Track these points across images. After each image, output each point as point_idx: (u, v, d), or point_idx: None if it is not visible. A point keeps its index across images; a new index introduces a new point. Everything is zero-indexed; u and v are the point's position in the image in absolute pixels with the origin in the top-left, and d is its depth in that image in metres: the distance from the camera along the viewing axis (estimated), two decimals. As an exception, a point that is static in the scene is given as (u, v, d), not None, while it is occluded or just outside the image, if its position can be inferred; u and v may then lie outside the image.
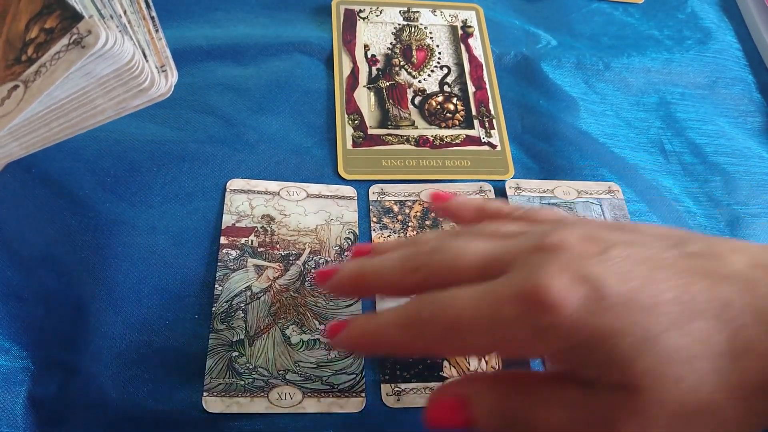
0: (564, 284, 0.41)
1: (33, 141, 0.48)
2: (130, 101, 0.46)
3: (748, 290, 0.42)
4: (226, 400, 0.57)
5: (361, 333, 0.50)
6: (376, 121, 0.78)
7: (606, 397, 0.42)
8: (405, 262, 0.51)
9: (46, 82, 0.42)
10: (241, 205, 0.68)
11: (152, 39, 0.49)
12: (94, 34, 0.41)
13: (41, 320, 0.60)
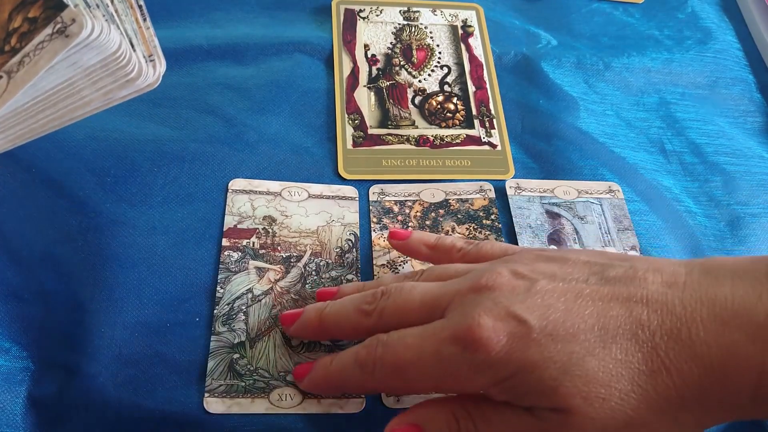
0: (492, 323, 0.47)
1: (20, 133, 0.47)
2: (117, 92, 0.46)
3: (662, 311, 0.46)
4: (227, 401, 0.57)
5: (324, 375, 0.56)
6: (376, 121, 0.78)
7: (543, 418, 0.47)
8: (359, 306, 0.56)
9: (30, 72, 0.41)
10: (243, 206, 0.68)
11: (140, 28, 0.48)
12: (78, 22, 0.40)
13: (41, 320, 0.60)
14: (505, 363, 0.46)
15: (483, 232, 0.70)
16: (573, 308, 0.47)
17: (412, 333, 0.51)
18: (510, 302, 0.48)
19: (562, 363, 0.45)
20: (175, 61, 0.76)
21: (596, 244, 0.71)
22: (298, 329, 0.60)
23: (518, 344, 0.46)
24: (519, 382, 0.46)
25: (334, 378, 0.56)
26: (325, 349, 0.61)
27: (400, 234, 0.65)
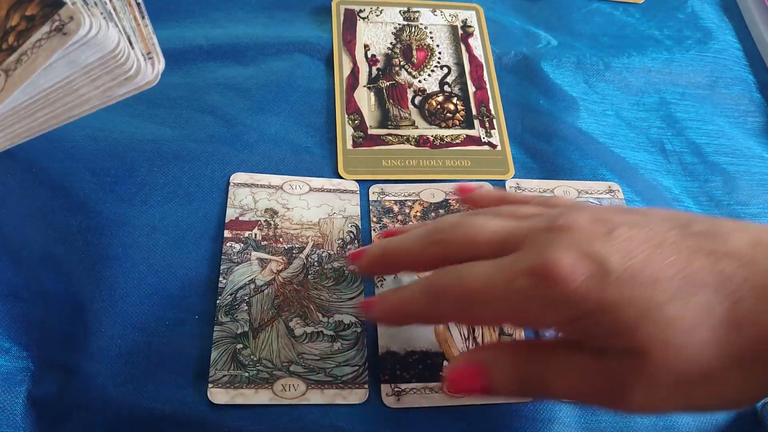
0: (571, 260, 0.45)
1: (19, 131, 0.47)
2: (116, 89, 0.46)
3: (748, 266, 0.45)
4: (230, 391, 0.58)
5: (390, 305, 0.55)
6: (376, 121, 0.78)
7: (615, 363, 0.45)
8: (426, 237, 0.55)
9: (28, 70, 0.41)
10: (245, 198, 0.69)
11: (138, 26, 0.48)
12: (75, 20, 0.40)
13: (41, 320, 0.60)
14: (582, 301, 0.45)
15: None
16: (654, 255, 0.46)
17: (482, 264, 0.49)
18: (589, 243, 0.46)
19: (641, 306, 0.44)
20: (175, 61, 0.76)
21: None
22: (364, 264, 0.60)
23: (597, 284, 0.45)
24: (594, 322, 0.45)
25: (399, 307, 0.55)
26: (329, 340, 0.62)
27: (467, 187, 0.66)
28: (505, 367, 0.50)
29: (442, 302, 0.51)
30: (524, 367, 0.50)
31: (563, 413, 0.62)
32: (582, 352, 0.48)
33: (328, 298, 0.64)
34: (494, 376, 0.50)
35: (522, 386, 0.50)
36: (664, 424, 0.62)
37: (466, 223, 0.54)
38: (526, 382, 0.50)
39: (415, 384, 0.61)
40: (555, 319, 0.47)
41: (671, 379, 0.44)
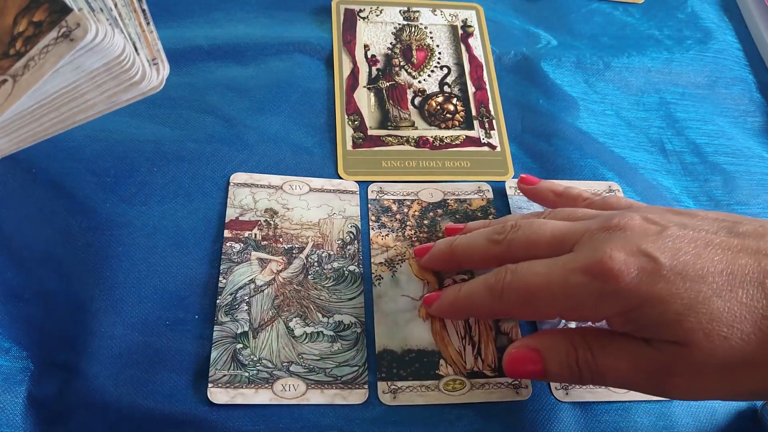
0: (624, 257, 0.49)
1: (23, 136, 0.47)
2: (121, 95, 0.46)
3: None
4: (230, 391, 0.58)
5: (453, 300, 0.61)
6: (376, 122, 0.78)
7: (662, 352, 0.49)
8: (490, 236, 0.60)
9: (35, 75, 0.41)
10: (245, 198, 0.69)
11: (143, 32, 0.48)
12: (82, 27, 0.40)
13: (41, 320, 0.60)
14: (633, 295, 0.48)
15: None
16: (702, 254, 0.49)
17: (541, 262, 0.54)
18: (641, 241, 0.50)
19: (689, 300, 0.47)
20: (175, 62, 0.75)
21: None
22: (430, 260, 0.66)
23: (647, 278, 0.48)
24: (643, 315, 0.49)
25: (462, 302, 0.60)
26: (329, 340, 0.62)
27: (530, 179, 0.70)
28: (560, 352, 0.54)
29: (504, 299, 0.55)
30: (577, 353, 0.53)
31: (563, 413, 0.62)
32: (631, 339, 0.51)
33: (328, 298, 0.65)
34: (549, 360, 0.54)
35: (574, 371, 0.53)
36: (664, 424, 0.62)
37: (526, 225, 0.58)
38: (577, 367, 0.53)
39: (411, 382, 0.61)
40: (608, 312, 0.51)
41: (715, 368, 0.47)
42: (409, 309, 0.65)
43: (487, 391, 0.62)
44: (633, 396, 0.63)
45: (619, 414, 0.63)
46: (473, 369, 0.63)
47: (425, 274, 0.68)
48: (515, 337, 0.65)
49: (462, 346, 0.64)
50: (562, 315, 0.57)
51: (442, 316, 0.64)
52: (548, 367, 0.54)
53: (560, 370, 0.54)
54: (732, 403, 0.65)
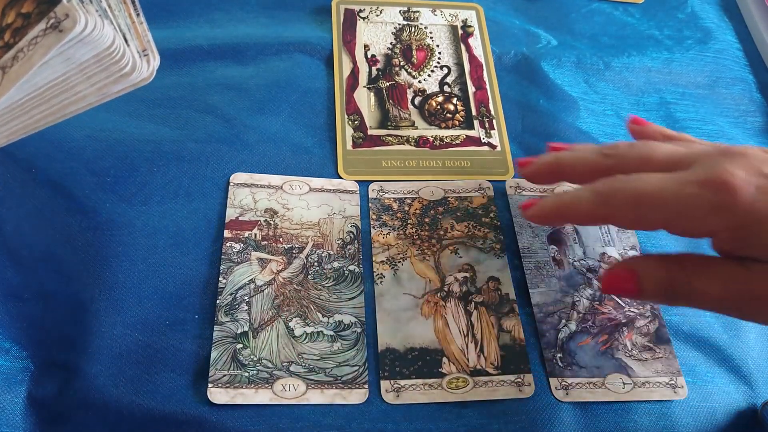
0: (744, 175, 0.48)
1: (14, 129, 0.47)
2: (111, 86, 0.46)
3: None
4: (230, 391, 0.58)
5: (556, 203, 0.58)
6: (376, 122, 0.78)
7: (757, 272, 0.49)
8: (601, 150, 0.59)
9: (24, 67, 0.41)
10: (245, 198, 0.68)
11: (133, 23, 0.48)
12: (71, 17, 0.40)
13: (41, 320, 0.60)
14: (747, 211, 0.48)
15: (482, 230, 0.71)
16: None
17: (654, 174, 0.53)
18: (762, 165, 0.49)
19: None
20: (175, 61, 0.76)
21: (596, 243, 0.71)
22: (533, 170, 0.64)
23: (764, 197, 0.48)
24: (752, 233, 0.48)
25: (564, 205, 0.57)
26: (329, 339, 0.62)
27: (640, 120, 0.68)
28: (656, 272, 0.53)
29: (610, 203, 0.53)
30: (671, 275, 0.52)
31: (564, 413, 0.62)
32: (729, 262, 0.51)
33: (328, 298, 0.64)
34: (645, 280, 0.53)
35: (669, 291, 0.53)
36: (664, 424, 0.62)
37: (640, 145, 0.58)
38: (672, 287, 0.52)
39: (414, 380, 0.61)
40: (717, 227, 0.50)
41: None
42: (411, 307, 0.65)
43: (490, 389, 0.62)
44: (633, 396, 0.63)
45: (619, 414, 0.62)
46: (476, 367, 0.63)
47: (427, 272, 0.67)
48: (518, 336, 0.65)
49: (464, 344, 0.64)
50: (666, 224, 0.54)
51: (539, 219, 0.62)
52: (644, 286, 0.54)
53: (654, 291, 0.54)
54: (732, 403, 0.65)
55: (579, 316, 0.67)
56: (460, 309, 0.66)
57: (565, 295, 0.68)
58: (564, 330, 0.66)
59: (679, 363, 0.65)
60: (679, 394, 0.64)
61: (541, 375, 0.63)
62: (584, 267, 0.69)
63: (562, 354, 0.64)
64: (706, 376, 0.66)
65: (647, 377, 0.64)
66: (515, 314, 0.66)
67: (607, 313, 0.67)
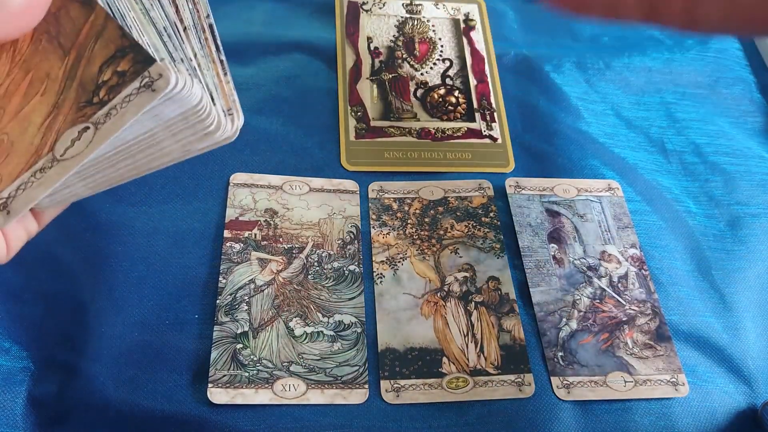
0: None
1: (99, 181, 0.47)
2: (195, 144, 0.44)
3: None
4: (230, 391, 0.56)
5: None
6: (378, 113, 0.76)
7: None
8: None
9: (116, 124, 0.40)
10: (245, 198, 0.67)
11: (220, 82, 0.47)
12: (164, 77, 0.39)
13: (41, 320, 0.58)
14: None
15: (482, 230, 0.69)
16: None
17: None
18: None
19: None
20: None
21: (596, 242, 0.69)
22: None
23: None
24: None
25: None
26: (329, 340, 0.60)
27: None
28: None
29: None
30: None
31: (565, 412, 0.60)
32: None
33: (328, 298, 0.63)
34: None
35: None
36: (664, 424, 0.61)
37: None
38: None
39: (414, 380, 0.60)
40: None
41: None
42: (411, 307, 0.63)
43: (490, 388, 0.60)
44: (634, 394, 0.61)
45: (619, 413, 0.61)
46: (476, 367, 0.61)
47: (427, 272, 0.66)
48: (518, 336, 0.63)
49: (464, 344, 0.62)
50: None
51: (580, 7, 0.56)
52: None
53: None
54: (732, 403, 0.63)
55: (580, 314, 0.65)
56: (460, 309, 0.64)
57: (566, 294, 0.66)
58: (565, 329, 0.64)
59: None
60: (680, 392, 0.62)
61: (542, 374, 0.62)
62: (585, 265, 0.68)
63: (563, 353, 0.63)
64: (706, 376, 0.64)
65: (648, 375, 0.62)
66: (515, 314, 0.64)
67: (607, 312, 0.65)
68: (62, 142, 0.41)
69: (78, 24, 0.42)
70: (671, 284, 0.68)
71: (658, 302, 0.66)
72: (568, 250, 0.68)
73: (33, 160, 0.42)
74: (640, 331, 0.64)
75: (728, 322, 0.67)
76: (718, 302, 0.68)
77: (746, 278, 0.70)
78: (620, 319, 0.65)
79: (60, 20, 0.43)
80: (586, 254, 0.68)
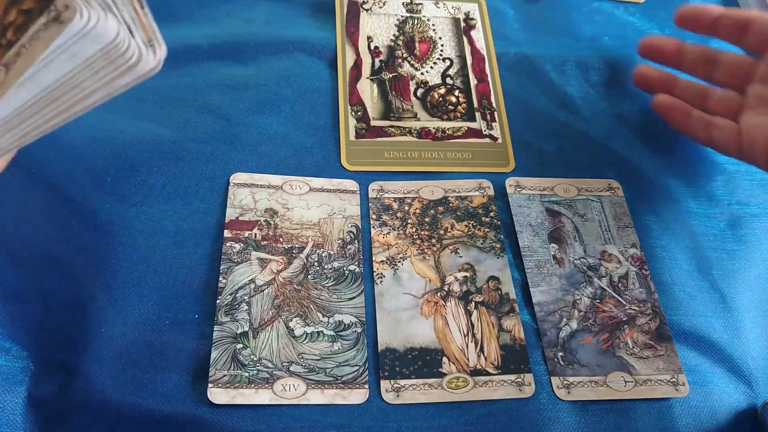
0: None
1: (26, 131, 0.45)
2: (119, 80, 0.44)
3: None
4: (230, 391, 0.56)
5: None
6: (378, 113, 0.76)
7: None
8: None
9: (27, 61, 0.40)
10: (245, 198, 0.67)
11: (137, 14, 0.46)
12: (71, 8, 0.38)
13: (41, 320, 0.58)
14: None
15: (482, 230, 0.69)
16: None
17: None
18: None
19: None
20: (175, 61, 0.74)
21: (597, 242, 0.69)
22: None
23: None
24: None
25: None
26: (329, 339, 0.60)
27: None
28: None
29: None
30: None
31: (565, 412, 0.60)
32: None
33: (328, 298, 0.63)
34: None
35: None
36: (664, 425, 0.61)
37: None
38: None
39: (414, 380, 0.59)
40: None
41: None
42: (411, 307, 0.63)
43: (490, 388, 0.60)
44: (635, 394, 0.61)
45: (620, 413, 0.60)
46: (476, 367, 0.61)
47: (427, 272, 0.65)
48: (518, 336, 0.63)
49: (465, 344, 0.62)
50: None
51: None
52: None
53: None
54: (732, 403, 0.63)
55: (580, 314, 0.65)
56: (460, 309, 0.64)
57: (566, 294, 0.66)
58: (565, 329, 0.64)
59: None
60: (680, 392, 0.61)
61: (542, 374, 0.61)
62: (585, 265, 0.67)
63: (563, 353, 0.62)
64: (706, 376, 0.64)
65: (649, 375, 0.62)
66: (515, 314, 0.64)
67: (608, 311, 0.65)
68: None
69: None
70: (672, 284, 0.68)
71: (659, 302, 0.66)
72: (569, 249, 0.68)
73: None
74: (640, 331, 0.64)
75: (728, 322, 0.67)
76: (719, 302, 0.67)
77: (746, 278, 0.69)
78: (620, 319, 0.65)
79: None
80: (586, 254, 0.68)
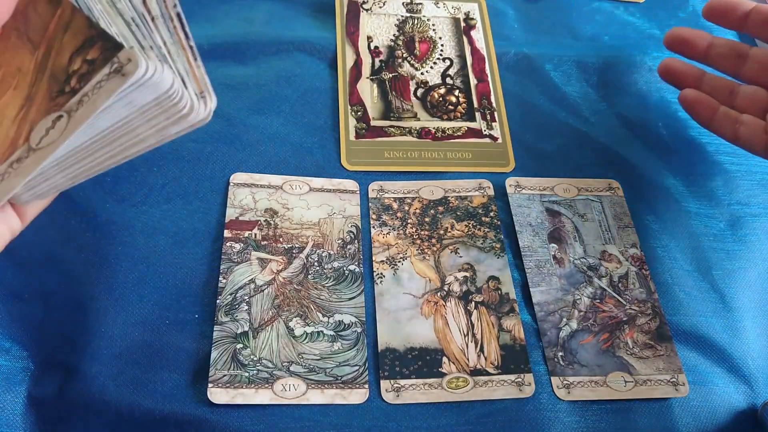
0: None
1: (78, 171, 0.47)
2: (170, 128, 0.45)
3: None
4: (230, 391, 0.56)
5: None
6: (378, 113, 0.76)
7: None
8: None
9: (89, 110, 0.40)
10: (245, 198, 0.67)
11: (191, 67, 0.47)
12: (133, 62, 0.39)
13: (41, 320, 0.58)
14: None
15: (482, 229, 0.69)
16: None
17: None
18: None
19: None
20: None
21: (597, 242, 0.69)
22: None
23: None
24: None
25: None
26: (329, 339, 0.60)
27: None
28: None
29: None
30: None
31: (565, 412, 0.60)
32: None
33: (328, 298, 0.63)
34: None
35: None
36: (664, 424, 0.61)
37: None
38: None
39: (414, 380, 0.59)
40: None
41: None
42: (411, 307, 0.63)
43: (490, 388, 0.60)
44: (635, 394, 0.61)
45: (619, 413, 0.60)
46: (476, 367, 0.61)
47: (427, 272, 0.65)
48: (518, 336, 0.63)
49: (465, 344, 0.62)
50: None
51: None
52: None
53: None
54: (732, 403, 0.63)
55: (580, 314, 0.65)
56: (460, 309, 0.64)
57: (566, 294, 0.66)
58: (565, 328, 0.64)
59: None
60: (680, 392, 0.61)
61: (542, 374, 0.61)
62: (585, 265, 0.67)
63: (563, 352, 0.62)
64: (706, 376, 0.64)
65: (649, 375, 0.62)
66: (515, 314, 0.64)
67: (608, 311, 0.65)
68: (37, 132, 0.41)
69: (45, 18, 0.43)
70: (672, 284, 0.68)
71: (659, 302, 0.66)
72: (569, 249, 0.68)
73: (9, 151, 0.42)
74: (640, 331, 0.64)
75: (728, 322, 0.67)
76: (719, 302, 0.67)
77: (746, 278, 0.69)
78: (620, 319, 0.65)
79: (28, 16, 0.43)
80: (586, 254, 0.68)
